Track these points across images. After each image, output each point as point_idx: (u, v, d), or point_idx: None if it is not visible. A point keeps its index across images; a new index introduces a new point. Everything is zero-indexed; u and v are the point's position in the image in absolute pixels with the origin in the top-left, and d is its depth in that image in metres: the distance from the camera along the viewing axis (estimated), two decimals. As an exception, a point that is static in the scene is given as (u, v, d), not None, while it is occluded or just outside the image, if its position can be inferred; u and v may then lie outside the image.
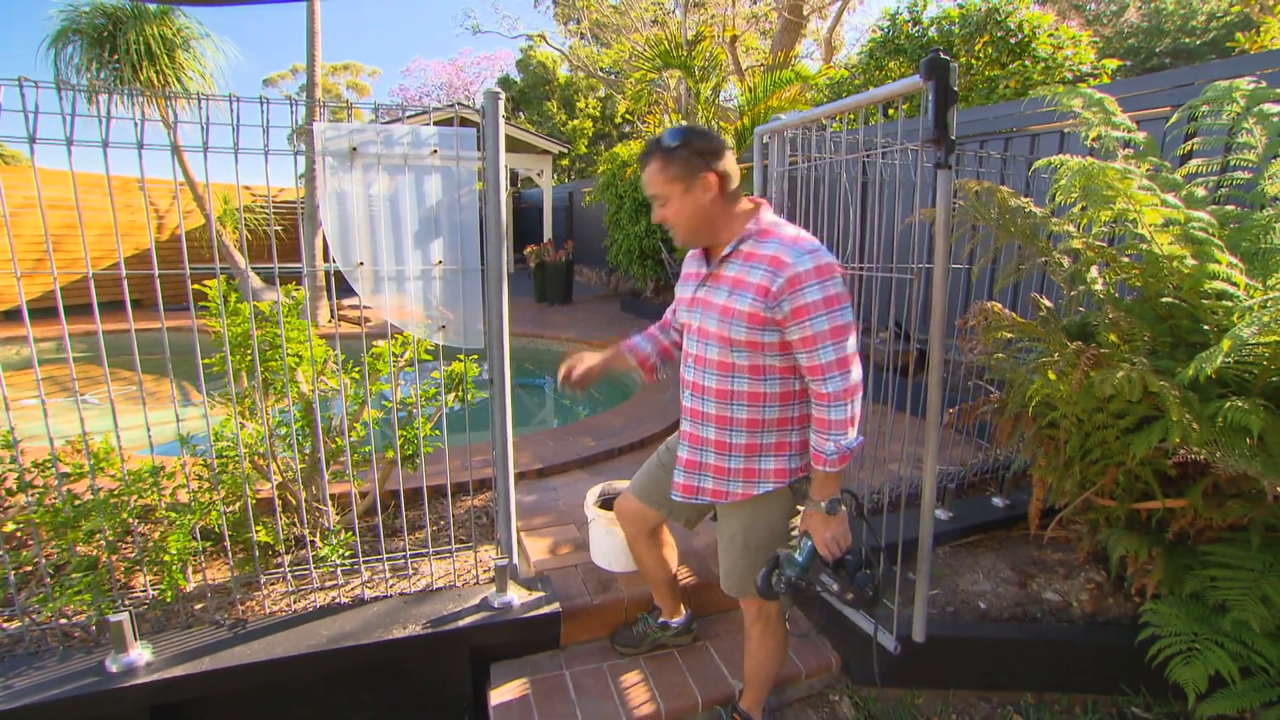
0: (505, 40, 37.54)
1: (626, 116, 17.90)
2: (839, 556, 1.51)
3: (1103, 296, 1.83)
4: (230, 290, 2.10)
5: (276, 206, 10.65)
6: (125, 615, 1.65)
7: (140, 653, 1.71)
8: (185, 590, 1.95)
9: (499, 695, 1.94)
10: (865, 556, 1.53)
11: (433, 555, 2.31)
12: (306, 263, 7.21)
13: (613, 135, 19.69)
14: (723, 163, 1.45)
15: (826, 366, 1.39)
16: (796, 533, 1.60)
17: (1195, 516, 1.87)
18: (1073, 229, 1.86)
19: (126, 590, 2.06)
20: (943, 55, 1.40)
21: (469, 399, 2.41)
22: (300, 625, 1.89)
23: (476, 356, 2.38)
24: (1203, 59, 14.55)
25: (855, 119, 1.90)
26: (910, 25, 5.88)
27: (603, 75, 16.56)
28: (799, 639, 2.21)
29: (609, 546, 2.33)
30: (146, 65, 5.85)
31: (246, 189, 9.98)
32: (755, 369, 1.49)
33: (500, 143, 1.95)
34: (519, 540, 2.52)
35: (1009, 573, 2.41)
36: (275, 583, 2.12)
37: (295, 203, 10.35)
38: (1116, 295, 1.89)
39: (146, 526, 2.09)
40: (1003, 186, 1.99)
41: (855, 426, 1.42)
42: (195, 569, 2.11)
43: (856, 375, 1.41)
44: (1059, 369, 1.75)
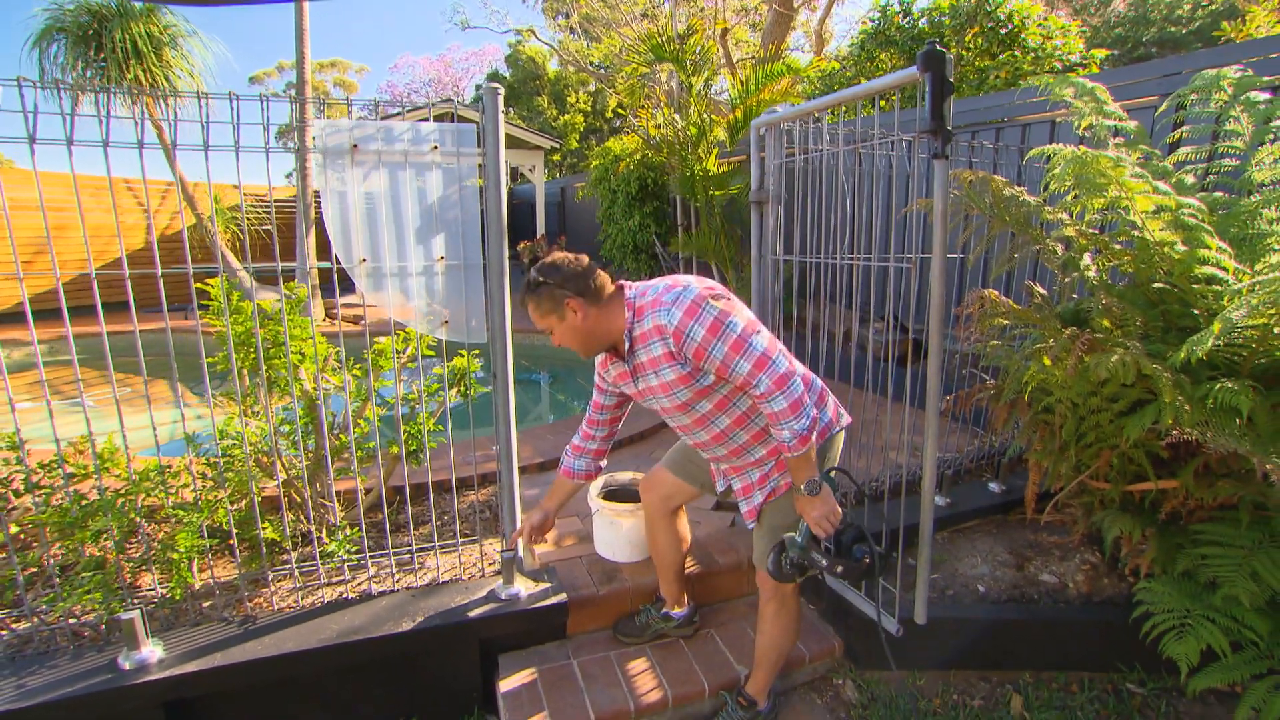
0: (494, 36, 37.32)
1: (619, 111, 17.84)
2: (833, 533, 1.58)
3: (1095, 283, 1.87)
4: (231, 289, 2.10)
5: (268, 206, 10.57)
6: (137, 612, 1.67)
7: (152, 650, 1.72)
8: (193, 588, 1.96)
9: (508, 685, 1.96)
10: (860, 530, 1.58)
11: (438, 550, 2.33)
12: (300, 261, 7.17)
13: (604, 130, 19.62)
14: (577, 284, 1.55)
15: (748, 376, 1.48)
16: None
17: (1187, 496, 1.92)
18: (1066, 217, 1.89)
19: (133, 590, 2.06)
20: (939, 47, 1.42)
21: (471, 394, 2.43)
22: (310, 620, 1.91)
23: (478, 352, 2.40)
24: (1189, 48, 14.66)
25: (851, 111, 1.93)
26: (901, 17, 5.90)
27: (593, 70, 16.50)
28: (803, 625, 2.24)
29: (613, 538, 2.35)
30: (133, 63, 5.79)
31: (236, 188, 9.89)
32: (721, 403, 1.61)
33: (500, 138, 1.96)
34: (523, 533, 2.54)
35: (1006, 556, 2.46)
36: (282, 579, 2.13)
37: (284, 201, 10.28)
38: (1109, 281, 1.92)
39: (152, 526, 2.09)
40: (996, 176, 2.02)
41: (801, 409, 1.49)
42: (202, 567, 2.12)
43: (780, 368, 1.48)
44: (1054, 354, 1.79)
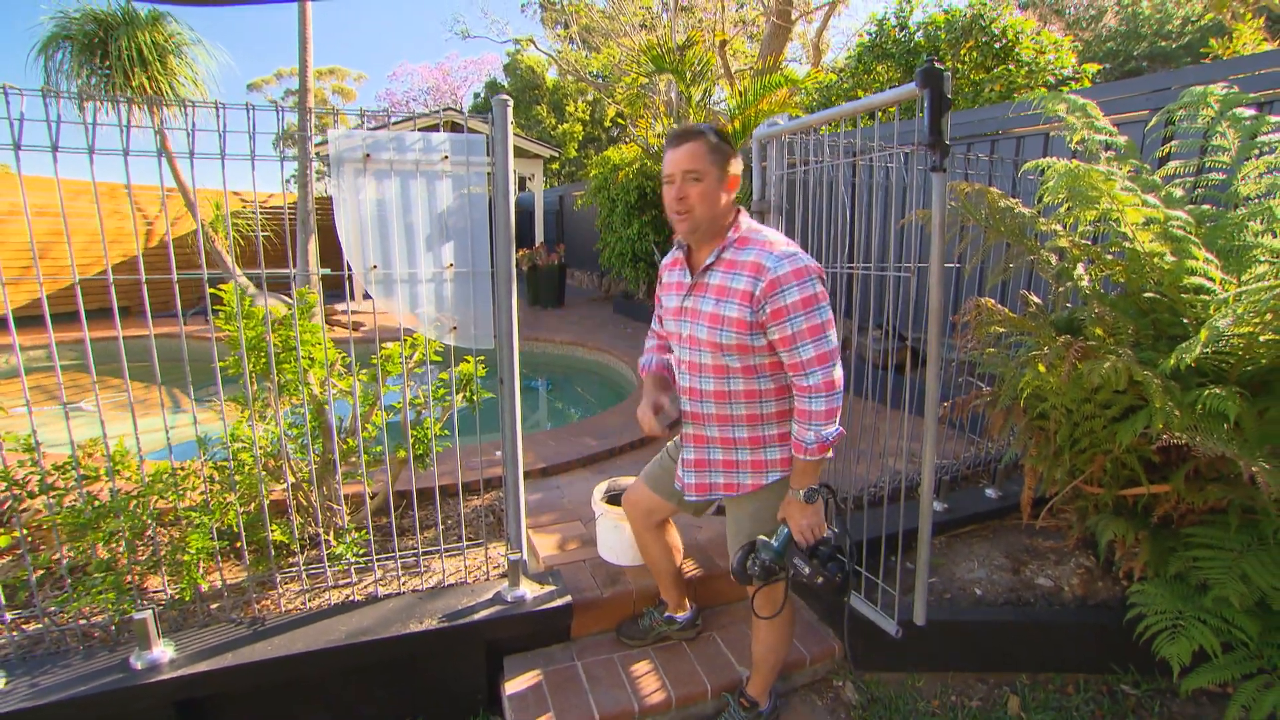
0: (493, 45, 37.54)
1: (618, 120, 17.99)
2: (813, 544, 1.58)
3: (1088, 292, 1.92)
4: (242, 294, 2.14)
5: (266, 212, 10.61)
6: (149, 612, 1.69)
7: (163, 650, 1.74)
8: (201, 590, 1.98)
9: (514, 686, 1.99)
10: (837, 546, 1.59)
11: (443, 553, 2.36)
12: (300, 267, 7.20)
13: (602, 139, 19.77)
14: (740, 171, 1.58)
15: (807, 362, 1.47)
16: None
17: (1178, 500, 1.97)
18: (1059, 228, 1.95)
19: (143, 592, 2.08)
20: (937, 64, 1.47)
21: (477, 399, 2.46)
22: (318, 622, 1.93)
23: (483, 358, 2.43)
24: (1178, 62, 14.90)
25: (851, 124, 1.98)
26: (897, 30, 6.01)
27: (592, 79, 16.63)
28: (803, 628, 2.28)
29: (616, 541, 2.38)
30: (138, 71, 5.83)
31: (235, 194, 9.93)
32: (748, 369, 1.57)
33: (509, 148, 2.01)
34: (527, 537, 2.57)
35: (1003, 560, 2.50)
36: (289, 581, 2.16)
37: (280, 208, 10.31)
38: (1101, 291, 1.98)
39: (161, 529, 2.12)
40: (993, 188, 2.08)
41: (835, 419, 1.49)
42: (210, 569, 2.14)
43: (838, 371, 1.49)
44: (1049, 361, 1.84)
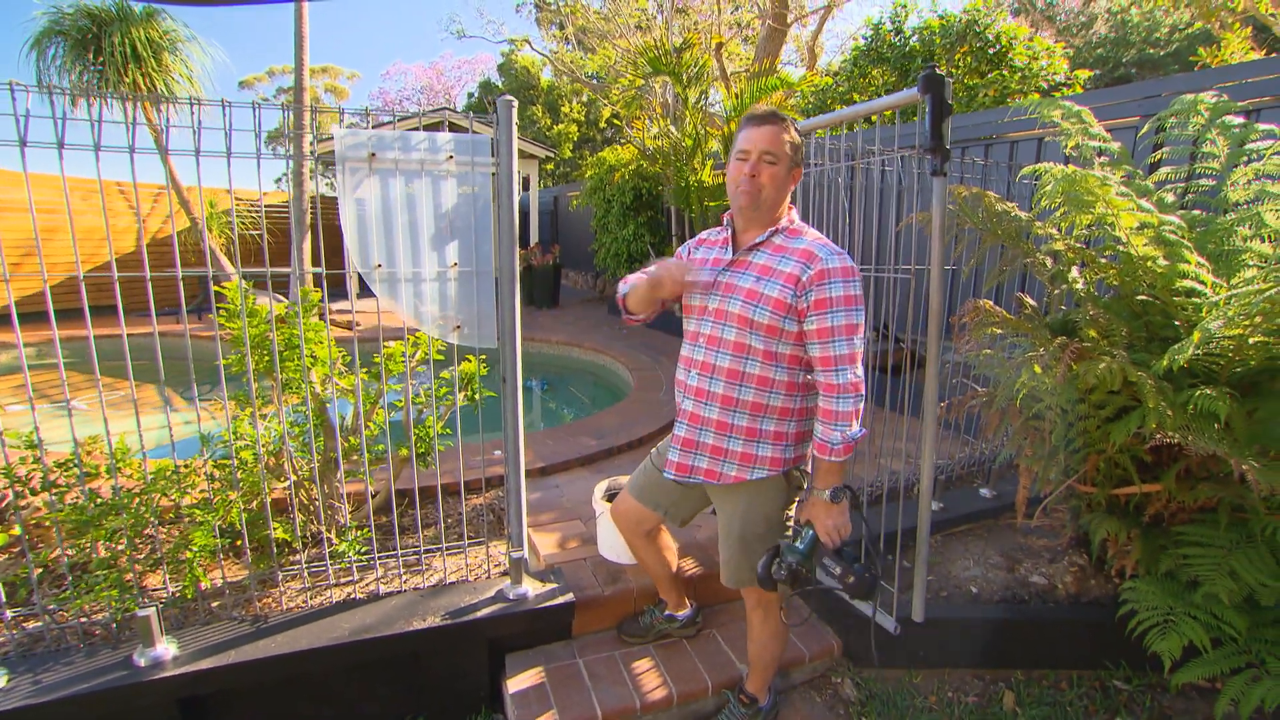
0: (488, 45, 37.48)
1: (614, 121, 18.00)
2: (839, 545, 1.59)
3: (1083, 295, 1.96)
4: (248, 292, 2.14)
5: (269, 210, 10.54)
6: (153, 610, 1.69)
7: (167, 647, 1.74)
8: (203, 588, 1.98)
9: (516, 684, 2.00)
10: (864, 548, 1.61)
11: (445, 551, 2.36)
12: (295, 266, 7.17)
13: (597, 140, 19.78)
14: (801, 166, 1.65)
15: (839, 359, 1.49)
16: (795, 523, 1.67)
17: (1169, 499, 2.01)
18: (1055, 232, 1.99)
19: (142, 590, 2.08)
20: (938, 71, 1.51)
21: (479, 397, 2.47)
22: (322, 619, 1.93)
23: (484, 356, 2.45)
24: (1166, 69, 15.11)
25: (851, 127, 2.01)
26: (893, 35, 6.07)
27: (587, 80, 16.66)
28: (801, 625, 2.30)
29: (617, 540, 2.40)
30: (132, 68, 5.79)
31: (229, 192, 9.86)
32: (769, 355, 1.58)
33: (514, 149, 2.03)
34: (528, 535, 2.58)
35: (998, 559, 2.54)
36: (291, 579, 2.16)
37: (277, 206, 10.26)
38: (1095, 293, 2.02)
39: (162, 527, 2.11)
40: (989, 192, 2.11)
41: (859, 418, 1.52)
42: (211, 567, 2.14)
43: (862, 372, 1.53)
44: (1044, 363, 1.87)
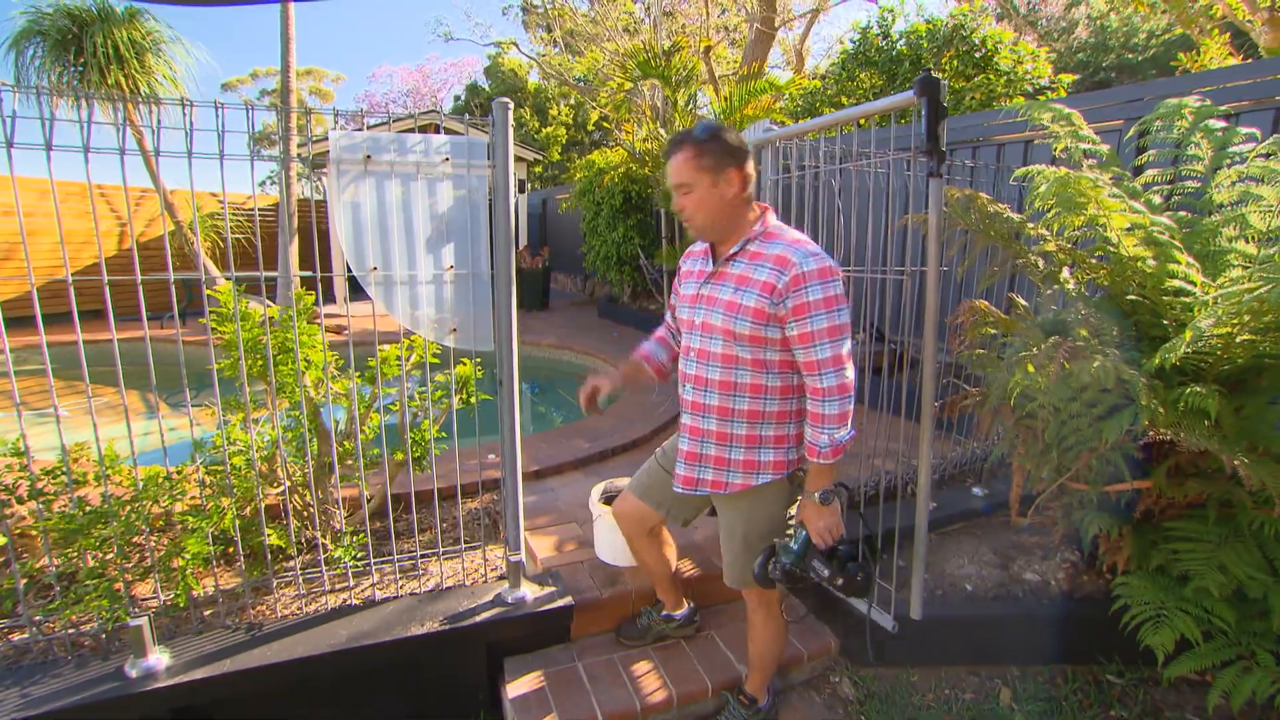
0: (474, 48, 37.37)
1: (603, 124, 18.02)
2: (832, 546, 1.60)
3: (1074, 295, 1.99)
4: (238, 295, 2.11)
5: (248, 214, 10.40)
6: (144, 619, 1.66)
7: (159, 657, 1.71)
8: (196, 596, 1.95)
9: (516, 688, 1.99)
10: (859, 548, 1.62)
11: (442, 556, 2.35)
12: (282, 270, 7.09)
13: (585, 143, 19.77)
14: (747, 164, 1.54)
15: (822, 363, 1.47)
16: (793, 522, 1.68)
17: (1159, 496, 2.04)
18: (1046, 233, 2.02)
19: (132, 599, 2.04)
20: (934, 74, 1.52)
21: (474, 401, 2.46)
22: (317, 626, 1.91)
23: (480, 360, 2.43)
24: (1145, 73, 15.40)
25: (848, 128, 2.03)
26: (880, 39, 6.14)
27: (575, 83, 16.67)
28: (798, 623, 2.31)
29: (614, 542, 2.39)
30: (114, 69, 5.70)
31: (214, 195, 9.73)
32: (758, 362, 1.56)
33: (510, 151, 2.02)
34: (524, 539, 2.57)
35: (991, 556, 2.56)
36: (285, 586, 2.13)
37: (264, 210, 10.13)
38: (1086, 294, 2.05)
39: (154, 534, 2.08)
40: (981, 194, 2.14)
41: (848, 421, 1.51)
42: (203, 575, 2.10)
43: (851, 374, 1.50)
44: (1038, 362, 1.90)
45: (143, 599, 2.04)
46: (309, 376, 2.22)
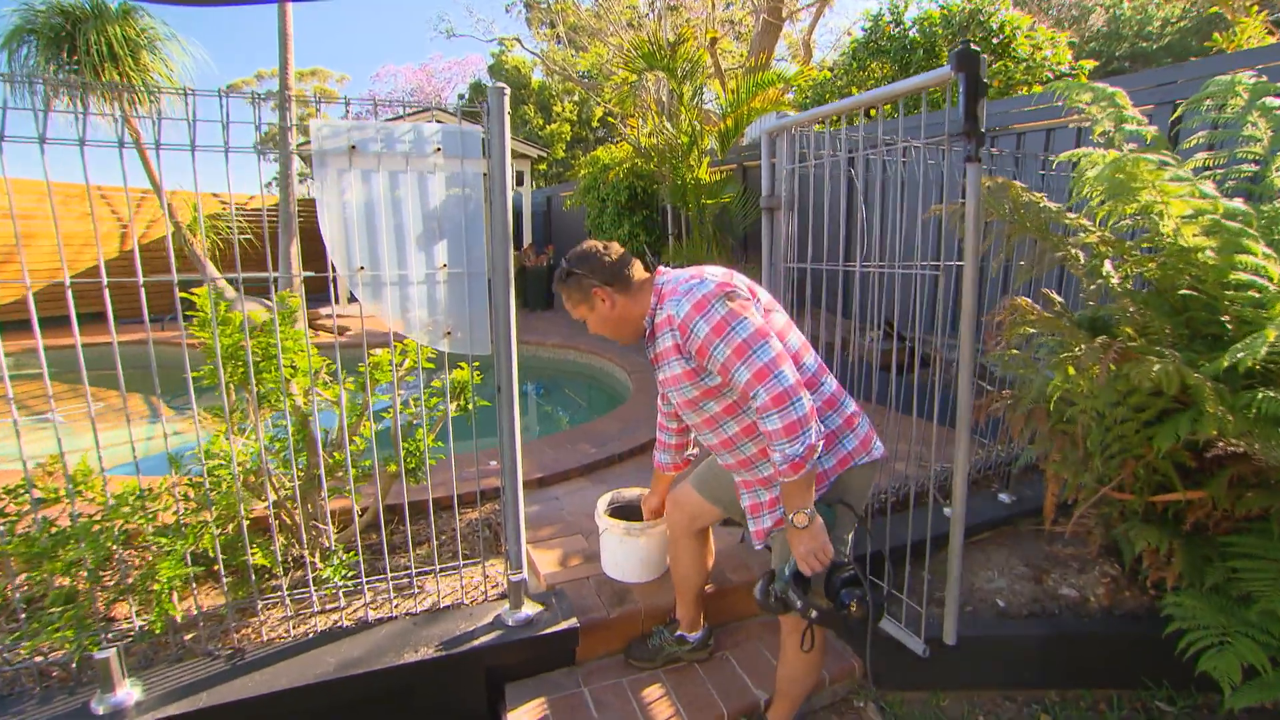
0: (477, 45, 37.27)
1: (608, 119, 17.85)
2: (822, 572, 1.46)
3: (1119, 290, 1.83)
4: (219, 298, 1.98)
5: (249, 214, 10.33)
6: (112, 651, 1.53)
7: (129, 691, 1.58)
8: (175, 620, 1.82)
9: (517, 717, 1.85)
10: (856, 574, 1.46)
11: (438, 572, 2.21)
12: (283, 270, 6.98)
13: (590, 139, 19.62)
14: (604, 274, 1.58)
15: (747, 385, 1.40)
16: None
17: (1212, 507, 1.88)
18: (1088, 223, 1.86)
19: (109, 622, 1.92)
20: (973, 47, 1.37)
21: (472, 407, 2.32)
22: (304, 653, 1.78)
23: (478, 364, 2.29)
24: (1159, 62, 15.08)
25: (868, 115, 1.88)
26: (892, 26, 5.94)
27: (579, 79, 16.50)
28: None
29: (622, 557, 2.25)
30: (109, 67, 5.59)
31: (216, 196, 9.65)
32: (729, 409, 1.55)
33: (506, 141, 1.88)
34: (527, 554, 2.43)
35: (1023, 569, 2.41)
36: (272, 607, 2.00)
37: (266, 209, 10.03)
38: (1131, 288, 1.89)
39: (130, 552, 1.95)
40: (1015, 181, 1.98)
41: (799, 433, 1.36)
42: (185, 595, 1.98)
43: (784, 383, 1.36)
44: (1080, 363, 1.74)
45: (121, 621, 1.91)
46: (296, 384, 2.08)
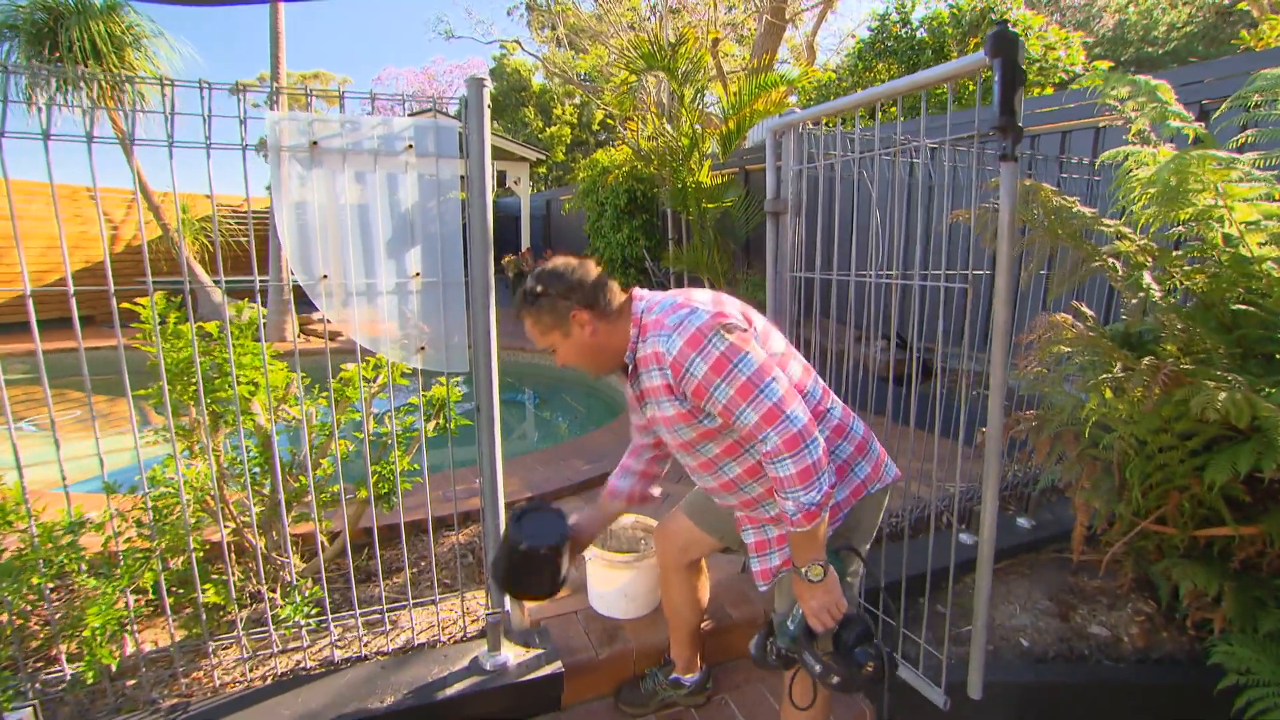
0: (478, 48, 37.30)
1: (608, 121, 17.73)
2: (833, 627, 1.31)
3: (1163, 304, 1.66)
4: (171, 308, 1.81)
5: (242, 217, 10.19)
6: (27, 710, 1.35)
7: (54, 753, 1.40)
8: (111, 669, 1.63)
9: (493, 775, 1.67)
10: (868, 628, 1.30)
11: (412, 605, 2.03)
12: (273, 275, 6.82)
13: (590, 142, 19.50)
14: (584, 294, 1.34)
15: (755, 428, 1.24)
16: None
17: (1265, 545, 1.70)
18: (1129, 230, 1.69)
19: (47, 664, 1.73)
20: (1010, 29, 1.20)
21: (452, 425, 2.15)
22: (257, 704, 1.60)
23: (458, 379, 2.12)
24: (1164, 68, 14.94)
25: (887, 110, 1.71)
26: (899, 26, 5.79)
27: (579, 82, 16.38)
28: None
29: (611, 590, 2.08)
30: (92, 64, 5.44)
31: (206, 197, 9.51)
32: (732, 449, 1.38)
33: (486, 137, 1.71)
34: (510, 583, 2.25)
35: (1047, 603, 2.22)
36: (227, 648, 1.82)
37: (256, 212, 9.89)
38: (1175, 302, 1.72)
39: (63, 590, 1.77)
40: (1044, 184, 1.81)
41: (812, 479, 1.22)
42: (127, 633, 1.79)
43: (796, 424, 1.21)
44: (1121, 385, 1.56)
45: (59, 668, 1.73)
46: (257, 401, 1.91)
